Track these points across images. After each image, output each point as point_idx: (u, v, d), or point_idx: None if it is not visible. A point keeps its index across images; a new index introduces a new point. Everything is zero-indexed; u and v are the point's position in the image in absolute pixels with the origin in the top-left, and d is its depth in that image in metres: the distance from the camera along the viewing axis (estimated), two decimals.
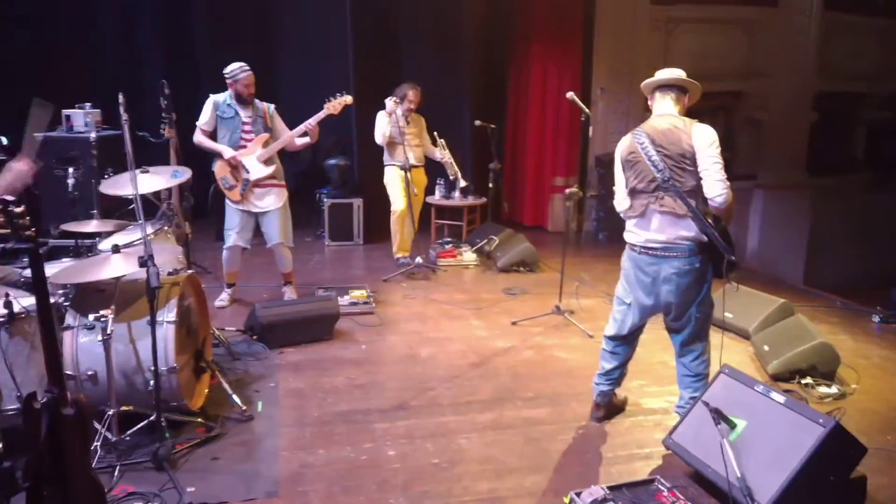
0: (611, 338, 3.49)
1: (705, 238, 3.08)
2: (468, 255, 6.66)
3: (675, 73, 3.27)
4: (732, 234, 3.19)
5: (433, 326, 4.96)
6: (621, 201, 3.34)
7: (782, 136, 8.84)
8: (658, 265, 3.19)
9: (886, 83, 9.29)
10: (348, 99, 4.97)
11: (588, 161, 8.15)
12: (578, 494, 2.77)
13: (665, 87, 3.26)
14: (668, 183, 3.08)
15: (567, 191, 5.27)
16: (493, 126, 6.91)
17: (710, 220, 3.08)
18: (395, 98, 5.84)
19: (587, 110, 4.97)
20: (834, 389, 3.98)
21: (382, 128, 5.94)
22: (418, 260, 6.14)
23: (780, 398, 2.87)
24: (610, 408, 3.59)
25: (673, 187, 3.07)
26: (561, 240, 5.83)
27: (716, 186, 3.03)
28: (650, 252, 3.20)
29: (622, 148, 3.30)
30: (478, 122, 6.96)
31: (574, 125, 7.70)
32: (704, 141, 3.06)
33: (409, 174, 5.89)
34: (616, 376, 3.52)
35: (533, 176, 8.28)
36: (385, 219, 6.32)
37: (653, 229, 3.18)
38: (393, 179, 6.10)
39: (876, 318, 5.40)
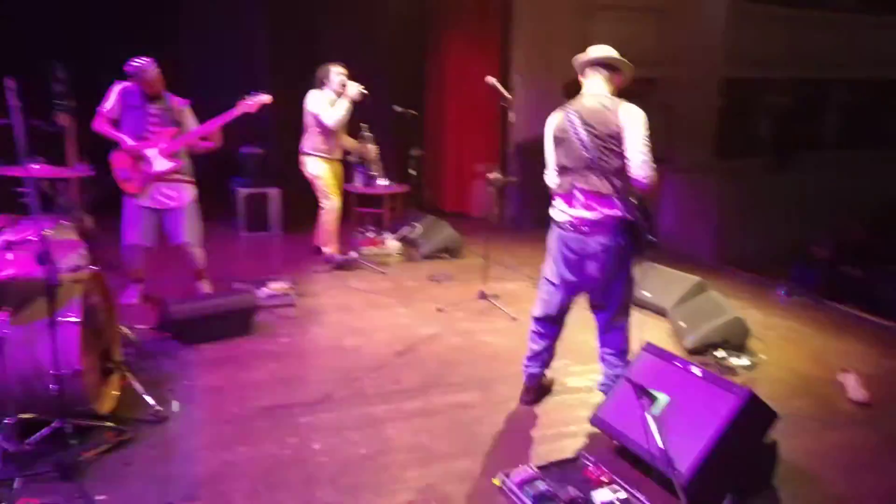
0: (539, 319, 3.51)
1: (630, 217, 3.13)
2: (391, 244, 6.58)
3: (606, 51, 3.26)
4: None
5: (357, 316, 4.87)
6: (551, 178, 3.35)
7: (692, 120, 9.20)
8: (584, 242, 3.21)
9: (787, 70, 9.82)
10: (265, 98, 4.68)
11: (509, 147, 8.21)
12: (508, 475, 2.78)
13: (597, 64, 3.25)
14: (594, 162, 3.10)
15: (489, 176, 5.27)
16: (413, 112, 6.84)
17: (633, 200, 3.13)
18: (361, 87, 5.45)
19: (507, 95, 4.97)
20: (745, 360, 4.17)
21: (341, 111, 5.50)
22: (353, 254, 5.99)
23: (699, 372, 2.97)
24: (539, 390, 3.62)
25: (599, 167, 3.10)
26: (483, 225, 5.84)
27: (641, 168, 3.07)
28: (576, 229, 3.22)
29: (553, 124, 3.30)
30: (397, 108, 6.86)
31: (494, 111, 7.73)
32: (631, 122, 3.09)
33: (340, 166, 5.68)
34: (545, 357, 3.54)
35: (454, 162, 8.29)
36: (304, 208, 6.13)
37: (579, 207, 3.20)
38: (325, 173, 5.72)
39: (781, 292, 5.69)
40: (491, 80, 4.89)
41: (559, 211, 3.30)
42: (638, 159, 3.07)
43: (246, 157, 7.16)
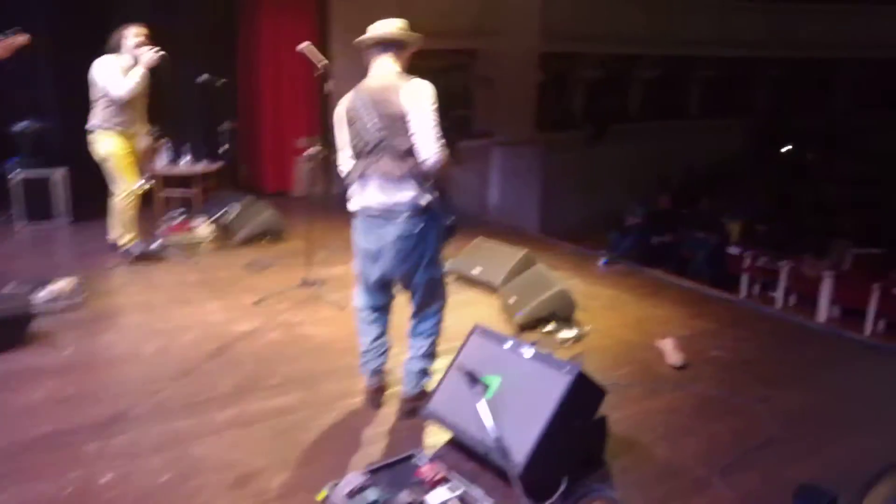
0: (361, 310, 3.26)
1: (425, 199, 2.95)
2: (203, 229, 5.97)
3: (390, 27, 3.04)
4: (457, 191, 3.11)
5: (160, 316, 4.31)
6: (344, 163, 3.13)
7: (514, 94, 9.35)
8: (381, 230, 3.00)
9: (600, 45, 10.29)
10: (21, 38, 3.91)
11: (329, 119, 7.80)
12: (335, 485, 2.51)
13: (380, 43, 3.03)
14: (383, 144, 2.91)
15: (308, 151, 4.89)
16: (223, 80, 6.22)
17: (428, 182, 2.95)
18: (157, 50, 4.83)
19: (324, 61, 4.60)
20: (573, 332, 4.21)
21: (134, 79, 4.82)
22: (160, 242, 5.32)
23: (529, 352, 2.86)
24: (384, 390, 3.34)
25: (390, 149, 2.91)
26: (306, 205, 5.47)
27: (427, 147, 2.88)
28: (372, 217, 3.02)
29: (343, 106, 3.08)
30: (204, 77, 6.20)
31: (313, 81, 7.27)
32: (416, 99, 2.89)
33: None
34: (378, 350, 3.27)
35: (272, 136, 7.76)
36: (99, 190, 5.31)
37: (372, 193, 2.99)
38: (118, 150, 4.98)
39: (603, 261, 5.91)
40: (303, 46, 4.51)
41: (354, 199, 3.08)
42: (424, 139, 2.88)
43: (20, 133, 6.14)
